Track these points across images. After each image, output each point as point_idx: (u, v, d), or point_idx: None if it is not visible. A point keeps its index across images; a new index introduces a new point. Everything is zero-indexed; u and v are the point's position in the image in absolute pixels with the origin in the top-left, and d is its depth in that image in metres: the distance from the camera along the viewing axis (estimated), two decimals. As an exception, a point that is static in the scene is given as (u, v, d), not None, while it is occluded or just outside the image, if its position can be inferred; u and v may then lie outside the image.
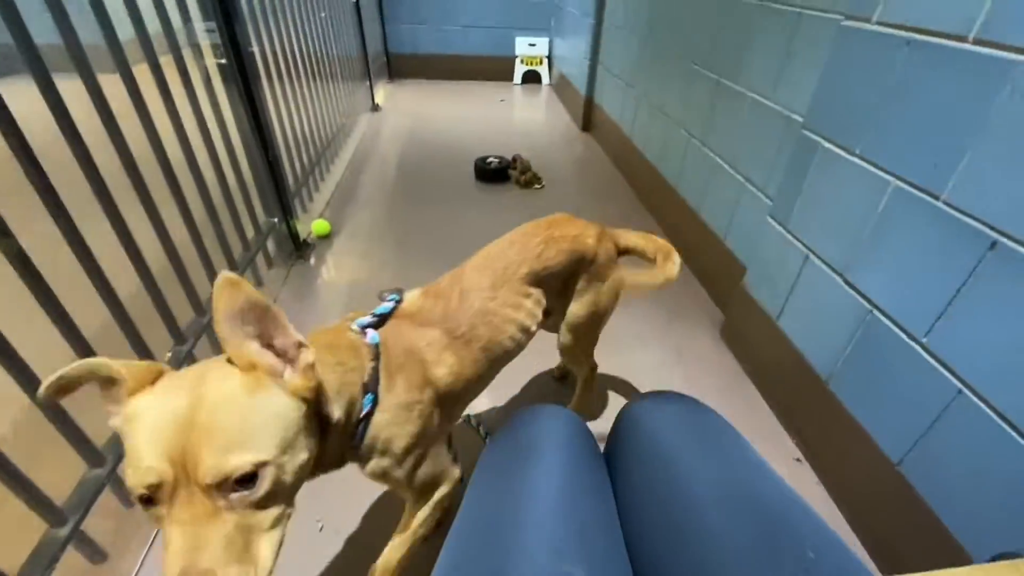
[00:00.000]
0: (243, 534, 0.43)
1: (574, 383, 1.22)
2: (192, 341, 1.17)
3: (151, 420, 0.44)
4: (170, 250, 1.13)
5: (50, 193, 0.79)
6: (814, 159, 1.14)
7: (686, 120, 1.92)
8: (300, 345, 0.50)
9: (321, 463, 0.57)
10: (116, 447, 0.88)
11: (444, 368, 0.73)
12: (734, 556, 0.37)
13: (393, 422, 0.65)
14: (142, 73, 1.06)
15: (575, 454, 0.51)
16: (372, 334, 0.66)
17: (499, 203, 2.31)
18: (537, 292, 0.88)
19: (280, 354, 0.50)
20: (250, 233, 1.57)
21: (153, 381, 0.46)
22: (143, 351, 0.98)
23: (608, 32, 2.89)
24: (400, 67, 4.34)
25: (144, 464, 0.42)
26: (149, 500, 0.42)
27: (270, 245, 1.70)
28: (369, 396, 0.62)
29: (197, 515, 0.42)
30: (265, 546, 0.45)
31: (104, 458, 0.86)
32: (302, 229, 1.85)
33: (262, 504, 0.45)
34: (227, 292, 0.45)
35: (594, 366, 1.16)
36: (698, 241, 1.80)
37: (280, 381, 0.48)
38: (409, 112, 3.56)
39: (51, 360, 0.56)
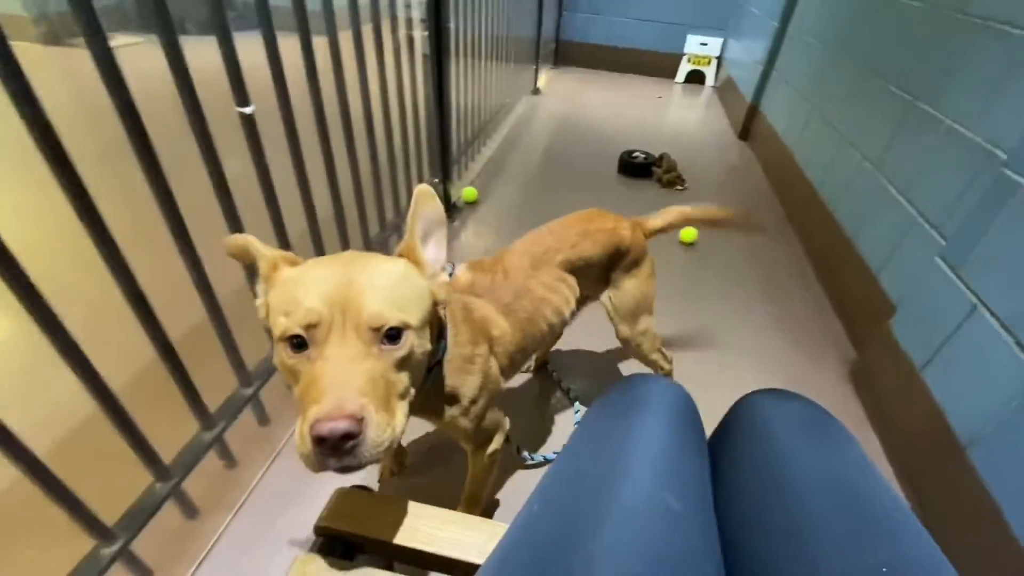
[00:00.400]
0: (385, 386, 0.47)
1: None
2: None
3: (310, 278, 0.49)
4: (339, 195, 1.36)
5: (252, 127, 0.92)
6: (1010, 201, 1.02)
7: (862, 141, 1.77)
8: (445, 266, 0.60)
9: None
10: (227, 410, 1.02)
11: (498, 330, 0.79)
12: (829, 546, 0.38)
13: (460, 371, 0.70)
14: (345, 39, 1.22)
15: (679, 421, 0.52)
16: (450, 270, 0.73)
17: (637, 199, 2.33)
18: (572, 280, 0.93)
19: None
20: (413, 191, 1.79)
21: (294, 264, 0.54)
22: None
23: (791, 38, 2.71)
24: (566, 54, 4.45)
25: (305, 306, 0.46)
26: (300, 344, 0.47)
27: (427, 202, 1.92)
28: (442, 344, 0.66)
29: (351, 355, 0.45)
30: (400, 409, 0.49)
31: (215, 422, 0.99)
32: (454, 193, 2.06)
33: (400, 366, 0.49)
34: (426, 198, 0.59)
35: (670, 359, 1.19)
36: (845, 270, 1.68)
37: (426, 275, 0.58)
38: (566, 98, 3.66)
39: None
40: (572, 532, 0.39)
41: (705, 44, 4.07)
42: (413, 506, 0.54)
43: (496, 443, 0.87)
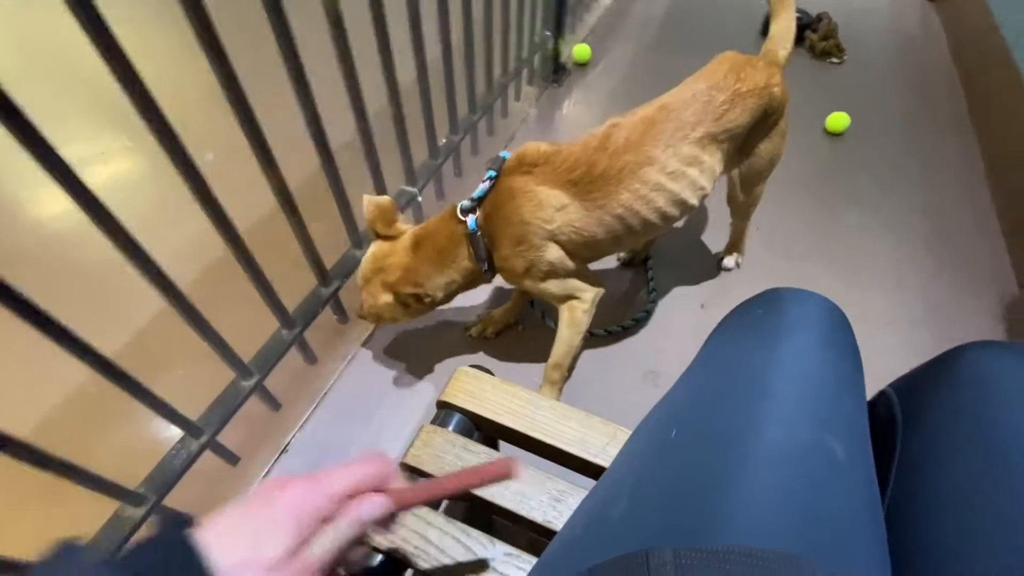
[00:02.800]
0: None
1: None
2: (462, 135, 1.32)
3: (361, 263, 0.91)
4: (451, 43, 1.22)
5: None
6: None
7: None
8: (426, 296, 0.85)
9: (458, 293, 0.92)
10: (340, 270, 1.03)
11: (558, 223, 0.79)
12: None
13: (502, 263, 0.85)
14: None
15: (837, 348, 0.43)
16: (471, 221, 0.81)
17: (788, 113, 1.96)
18: (711, 160, 0.81)
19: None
20: (524, 45, 1.59)
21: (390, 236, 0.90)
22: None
23: None
24: None
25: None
26: None
27: (536, 60, 1.72)
28: (484, 263, 0.84)
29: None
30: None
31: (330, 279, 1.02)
32: (564, 51, 1.83)
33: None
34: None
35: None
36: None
37: None
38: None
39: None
40: (712, 470, 0.33)
41: None
42: (532, 395, 0.54)
43: (581, 302, 0.88)
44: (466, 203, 0.83)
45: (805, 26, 2.06)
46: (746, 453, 0.34)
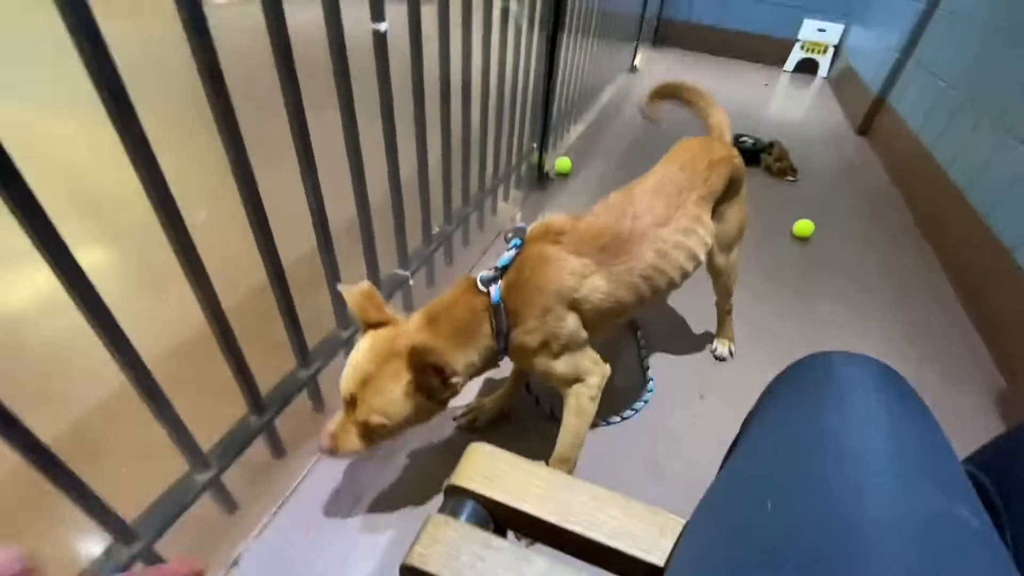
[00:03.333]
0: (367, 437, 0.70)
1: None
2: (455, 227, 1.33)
3: (352, 361, 0.69)
4: (449, 147, 1.29)
5: (347, 91, 0.82)
6: None
7: (1039, 138, 1.51)
8: (453, 375, 0.68)
9: (480, 371, 0.78)
10: (323, 351, 0.96)
11: (585, 290, 0.76)
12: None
13: (518, 341, 0.76)
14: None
15: (904, 399, 0.39)
16: (494, 292, 0.73)
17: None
18: (707, 218, 0.89)
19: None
20: (513, 153, 1.70)
21: (381, 324, 0.71)
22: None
23: (940, 20, 2.38)
24: (667, 33, 4.20)
25: (343, 386, 0.69)
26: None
27: (523, 167, 1.83)
28: (502, 337, 0.74)
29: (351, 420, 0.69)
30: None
31: (312, 360, 0.94)
32: (548, 163, 1.96)
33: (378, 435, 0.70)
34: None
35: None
36: (999, 287, 1.44)
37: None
38: (663, 79, 3.45)
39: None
40: (836, 555, 0.27)
41: (823, 30, 3.71)
42: (561, 477, 0.45)
43: (588, 387, 0.81)
44: (487, 273, 0.75)
45: (760, 150, 2.29)
46: (869, 527, 0.28)
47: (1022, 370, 1.26)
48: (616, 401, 1.12)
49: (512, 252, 0.77)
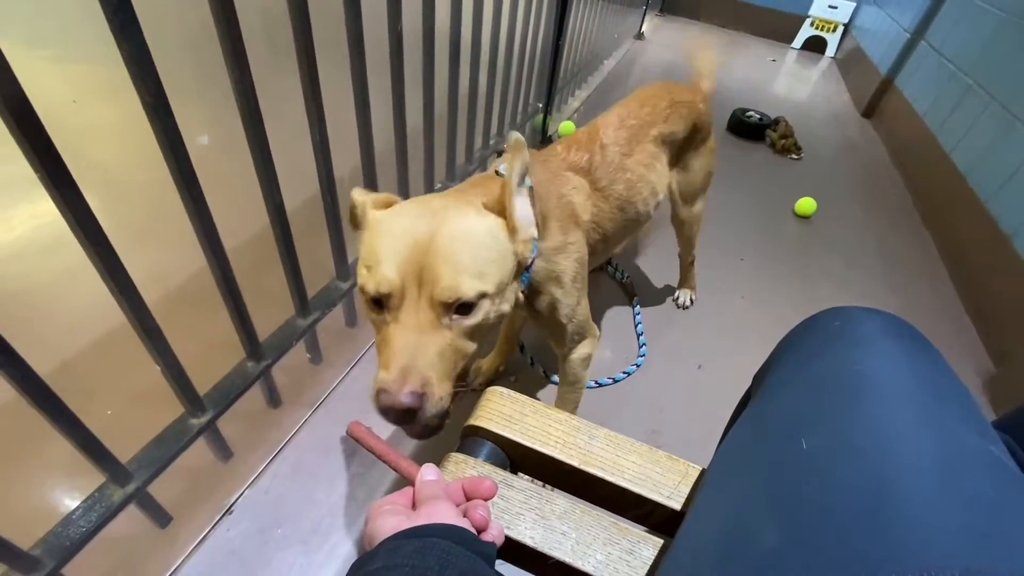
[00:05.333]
0: (452, 356, 0.45)
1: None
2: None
3: (393, 229, 0.46)
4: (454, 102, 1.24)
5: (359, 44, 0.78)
6: None
7: (1048, 123, 1.50)
8: (532, 224, 0.53)
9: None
10: (321, 301, 0.93)
11: (588, 215, 0.73)
12: None
13: (550, 264, 0.64)
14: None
15: (926, 348, 0.39)
16: (527, 179, 0.60)
17: (746, 161, 2.11)
18: (664, 156, 0.89)
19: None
20: (518, 112, 1.65)
21: (388, 206, 0.50)
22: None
23: (953, 3, 2.34)
24: (676, 2, 4.09)
25: (381, 271, 0.44)
26: (378, 303, 0.45)
27: (527, 129, 1.78)
28: (535, 243, 0.59)
29: (421, 325, 0.43)
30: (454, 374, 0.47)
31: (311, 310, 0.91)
32: (552, 125, 1.91)
33: (470, 334, 0.46)
34: (523, 149, 0.49)
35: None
36: (994, 271, 1.45)
37: (513, 236, 0.50)
38: (670, 47, 3.37)
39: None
40: (877, 483, 0.27)
41: (835, 7, 3.63)
42: (583, 423, 0.44)
43: (588, 347, 0.79)
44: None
45: (765, 126, 2.26)
46: (903, 462, 0.27)
47: (1012, 355, 1.28)
48: (609, 364, 1.12)
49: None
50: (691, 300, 1.31)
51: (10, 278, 1.07)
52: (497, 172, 0.64)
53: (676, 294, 1.31)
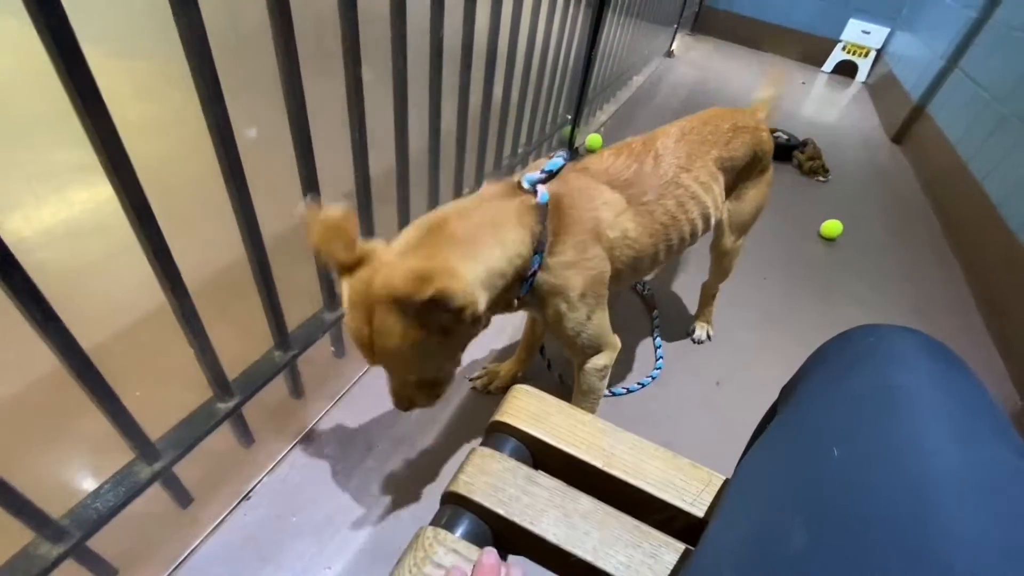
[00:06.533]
0: (432, 375, 0.61)
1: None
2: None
3: (348, 300, 0.52)
4: (485, 111, 1.26)
5: (401, 56, 0.80)
6: None
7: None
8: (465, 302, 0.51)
9: (493, 311, 0.61)
10: None
11: (618, 232, 0.69)
12: None
13: (557, 278, 0.64)
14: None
15: (957, 365, 0.39)
16: (542, 192, 0.62)
17: (773, 181, 2.09)
18: (721, 185, 0.84)
19: None
20: (548, 122, 1.68)
21: (359, 264, 0.51)
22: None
23: (990, 31, 2.31)
24: (707, 21, 4.10)
25: (351, 327, 0.53)
26: None
27: (555, 139, 1.80)
28: (536, 257, 0.61)
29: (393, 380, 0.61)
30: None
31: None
32: (579, 137, 1.93)
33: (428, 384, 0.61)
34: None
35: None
36: (1022, 305, 1.42)
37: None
38: (700, 66, 3.38)
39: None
40: (905, 494, 0.27)
41: (868, 32, 3.61)
42: (608, 425, 0.45)
43: (604, 358, 0.76)
44: (533, 174, 0.63)
45: (793, 147, 2.25)
46: (940, 475, 0.27)
47: (1041, 388, 1.25)
48: (624, 373, 1.12)
49: (560, 160, 0.67)
50: (708, 335, 1.25)
51: (65, 254, 1.12)
52: (519, 184, 0.64)
53: (692, 327, 1.26)
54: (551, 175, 0.65)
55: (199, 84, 0.53)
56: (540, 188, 0.62)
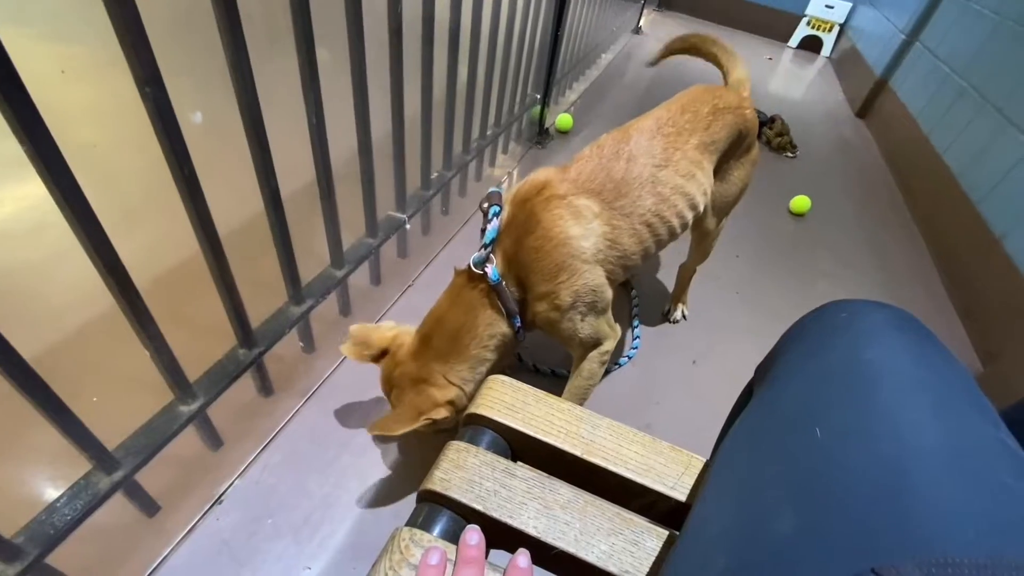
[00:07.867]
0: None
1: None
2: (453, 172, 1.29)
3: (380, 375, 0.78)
4: (452, 93, 1.23)
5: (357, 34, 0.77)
6: None
7: (1040, 126, 1.51)
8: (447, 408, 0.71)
9: (503, 358, 0.75)
10: (317, 288, 0.91)
11: (591, 241, 0.69)
12: None
13: (540, 308, 0.71)
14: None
15: (932, 339, 0.39)
16: (491, 271, 0.68)
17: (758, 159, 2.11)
18: (708, 164, 0.83)
19: None
20: (516, 102, 1.64)
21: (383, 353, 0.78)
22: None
23: (950, 5, 2.36)
24: (672, -3, 4.08)
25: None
26: None
27: (524, 120, 1.77)
28: (516, 319, 0.71)
29: None
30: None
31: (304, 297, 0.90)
32: (549, 118, 1.90)
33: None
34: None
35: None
36: (984, 274, 1.47)
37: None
38: (679, 35, 3.36)
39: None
40: (890, 469, 0.26)
41: (831, 7, 3.64)
42: (586, 413, 0.44)
43: (601, 352, 0.78)
44: (477, 255, 0.70)
45: (762, 123, 2.27)
46: (919, 449, 0.27)
47: (1000, 355, 1.29)
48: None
49: (495, 222, 0.69)
50: (684, 315, 1.25)
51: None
52: (470, 266, 0.70)
53: (667, 307, 1.25)
54: (492, 245, 0.70)
55: (134, 65, 0.49)
56: (488, 268, 0.68)
